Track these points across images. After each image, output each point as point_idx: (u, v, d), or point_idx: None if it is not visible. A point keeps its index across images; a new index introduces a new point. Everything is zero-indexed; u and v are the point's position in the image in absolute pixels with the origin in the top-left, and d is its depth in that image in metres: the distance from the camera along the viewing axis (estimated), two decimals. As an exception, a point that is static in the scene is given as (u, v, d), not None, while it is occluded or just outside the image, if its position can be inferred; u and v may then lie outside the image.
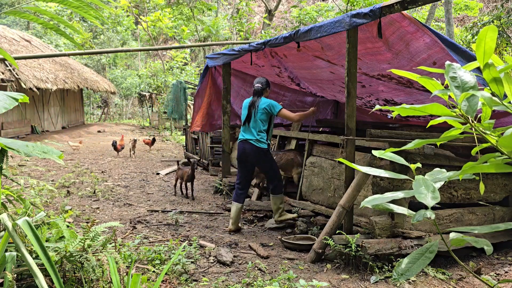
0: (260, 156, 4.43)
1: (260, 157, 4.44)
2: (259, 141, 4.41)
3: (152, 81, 21.14)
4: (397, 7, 3.18)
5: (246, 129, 4.51)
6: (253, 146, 4.40)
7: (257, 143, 4.40)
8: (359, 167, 1.38)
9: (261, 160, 4.47)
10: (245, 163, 4.53)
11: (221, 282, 3.22)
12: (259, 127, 4.43)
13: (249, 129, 4.47)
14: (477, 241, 1.22)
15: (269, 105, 4.41)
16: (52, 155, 2.15)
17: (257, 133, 4.41)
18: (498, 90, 1.11)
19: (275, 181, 4.54)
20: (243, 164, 4.56)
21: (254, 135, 4.41)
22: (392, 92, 5.58)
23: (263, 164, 4.53)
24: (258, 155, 4.43)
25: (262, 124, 4.43)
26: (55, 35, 22.28)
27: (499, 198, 4.27)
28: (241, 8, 19.03)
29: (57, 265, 2.48)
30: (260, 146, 4.41)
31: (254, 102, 4.47)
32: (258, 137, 4.41)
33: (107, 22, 9.35)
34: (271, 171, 4.56)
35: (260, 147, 4.41)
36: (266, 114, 4.43)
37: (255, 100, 4.48)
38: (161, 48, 13.83)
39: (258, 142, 4.41)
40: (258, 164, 4.53)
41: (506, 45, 10.48)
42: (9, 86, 11.33)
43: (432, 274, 3.41)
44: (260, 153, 4.42)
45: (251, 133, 4.44)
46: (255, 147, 4.40)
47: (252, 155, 4.44)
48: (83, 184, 6.95)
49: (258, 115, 4.41)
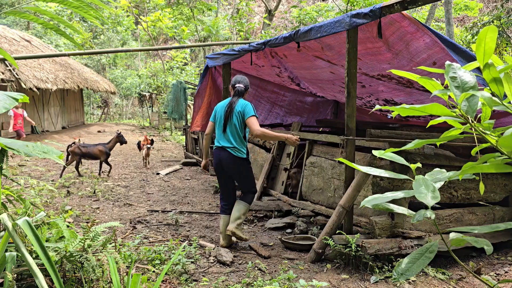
0: (237, 165, 3.92)
1: (237, 166, 3.92)
2: (237, 149, 3.89)
3: (152, 81, 21.15)
4: (397, 7, 3.18)
5: (222, 135, 3.95)
6: (230, 155, 3.89)
7: (235, 152, 3.89)
8: (359, 167, 1.38)
9: (238, 169, 3.95)
10: (222, 173, 4.02)
11: (221, 282, 3.22)
12: (237, 132, 3.89)
13: (225, 135, 3.92)
14: (477, 241, 1.22)
15: (244, 107, 3.88)
16: (52, 155, 2.15)
17: (234, 140, 3.89)
18: (498, 90, 1.12)
19: (248, 192, 4.06)
20: (221, 175, 4.06)
21: (232, 142, 3.89)
22: (392, 92, 5.58)
23: (239, 174, 4.00)
24: (235, 165, 3.91)
25: (240, 130, 3.90)
26: (55, 35, 22.28)
27: (499, 198, 4.27)
28: (241, 8, 19.04)
29: (57, 265, 2.48)
30: (238, 155, 3.90)
31: (232, 104, 3.92)
32: (235, 145, 3.89)
33: (107, 22, 9.35)
34: (247, 180, 4.04)
35: (238, 156, 3.90)
36: (242, 118, 3.91)
37: (234, 102, 3.93)
38: (161, 48, 13.83)
39: (235, 150, 3.89)
40: (234, 173, 3.99)
41: (506, 45, 10.48)
42: (9, 86, 11.33)
43: (432, 274, 3.41)
44: (238, 163, 3.91)
45: (228, 139, 3.90)
46: (232, 156, 3.89)
47: (228, 165, 3.92)
48: (83, 184, 6.95)
49: (234, 118, 3.88)
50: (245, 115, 3.84)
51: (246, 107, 3.86)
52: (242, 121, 3.86)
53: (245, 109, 3.85)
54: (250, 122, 3.81)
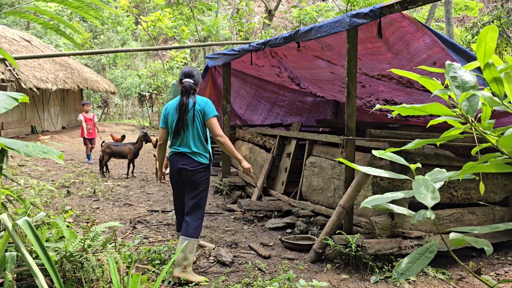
0: (196, 173, 3.28)
1: (196, 174, 3.28)
2: (198, 154, 3.30)
3: (152, 81, 21.16)
4: (397, 7, 3.18)
5: (180, 140, 3.33)
6: (191, 161, 3.29)
7: (196, 157, 3.29)
8: (359, 167, 1.37)
9: (196, 178, 3.29)
10: (180, 183, 3.40)
11: (221, 282, 3.22)
12: (198, 135, 3.30)
13: (183, 139, 3.31)
14: (477, 241, 1.22)
15: (205, 105, 3.32)
16: (52, 155, 2.15)
17: (195, 144, 3.30)
18: (498, 90, 1.11)
19: (197, 214, 3.32)
20: (177, 185, 3.44)
21: (191, 147, 3.29)
22: (392, 92, 5.58)
23: (196, 185, 3.30)
24: (194, 172, 3.27)
25: (201, 131, 3.32)
26: (55, 35, 22.28)
27: (499, 198, 4.27)
28: (241, 8, 19.03)
29: (57, 265, 2.48)
30: (200, 160, 3.30)
31: (186, 103, 3.28)
32: (196, 149, 3.30)
33: (107, 22, 9.35)
34: (199, 196, 3.32)
35: (199, 161, 3.30)
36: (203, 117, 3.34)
37: (186, 101, 3.29)
38: (161, 48, 13.83)
39: (197, 155, 3.30)
40: (191, 182, 3.30)
41: (506, 45, 10.48)
42: (9, 86, 11.33)
43: (432, 274, 3.40)
44: (197, 170, 3.28)
45: (187, 144, 3.30)
46: (193, 161, 3.29)
47: (187, 172, 3.28)
48: (83, 184, 6.95)
49: (194, 119, 3.28)
50: (206, 114, 3.30)
51: (206, 105, 3.32)
52: (203, 121, 3.33)
53: (206, 108, 3.31)
54: (212, 124, 3.31)
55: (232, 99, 7.52)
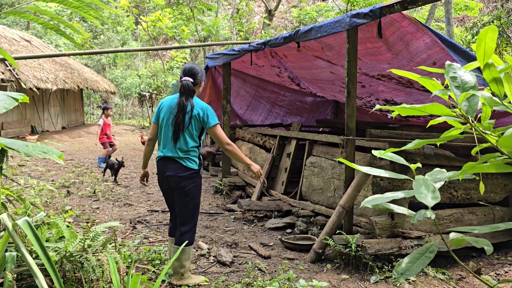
0: (185, 179, 3.06)
1: (184, 181, 3.06)
2: (188, 159, 3.08)
3: (152, 81, 21.15)
4: (397, 7, 3.18)
5: (170, 143, 3.08)
6: (180, 166, 3.06)
7: (184, 161, 3.06)
8: (359, 167, 1.38)
9: (185, 185, 3.06)
10: (168, 189, 3.20)
11: (221, 282, 3.23)
12: (189, 139, 3.08)
13: (174, 143, 3.07)
14: (477, 241, 1.22)
15: (205, 112, 3.08)
16: (52, 155, 2.16)
17: (185, 149, 3.06)
18: (498, 90, 1.11)
19: (191, 222, 3.15)
20: (167, 191, 3.24)
21: (178, 152, 3.06)
22: (392, 92, 5.58)
23: (186, 194, 3.08)
24: (182, 178, 3.05)
25: (195, 138, 3.11)
26: (55, 35, 22.28)
27: (499, 198, 4.27)
28: (241, 8, 19.03)
29: (57, 265, 2.48)
30: (189, 165, 3.07)
31: (184, 106, 3.03)
32: (185, 155, 3.07)
33: (107, 22, 9.34)
34: (189, 205, 3.12)
35: (188, 166, 3.07)
36: (200, 124, 3.10)
37: (184, 103, 3.04)
38: (161, 48, 13.83)
39: (186, 160, 3.07)
40: (180, 190, 3.08)
41: (506, 45, 10.48)
42: (9, 86, 11.33)
43: (432, 274, 3.41)
44: (186, 176, 3.06)
45: (177, 148, 3.06)
46: (181, 167, 3.06)
47: (174, 178, 3.06)
48: (83, 184, 6.95)
49: (188, 123, 3.05)
50: (208, 123, 3.08)
51: (207, 112, 3.08)
52: (199, 128, 3.11)
53: (207, 115, 3.07)
54: (216, 133, 3.11)
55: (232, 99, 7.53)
